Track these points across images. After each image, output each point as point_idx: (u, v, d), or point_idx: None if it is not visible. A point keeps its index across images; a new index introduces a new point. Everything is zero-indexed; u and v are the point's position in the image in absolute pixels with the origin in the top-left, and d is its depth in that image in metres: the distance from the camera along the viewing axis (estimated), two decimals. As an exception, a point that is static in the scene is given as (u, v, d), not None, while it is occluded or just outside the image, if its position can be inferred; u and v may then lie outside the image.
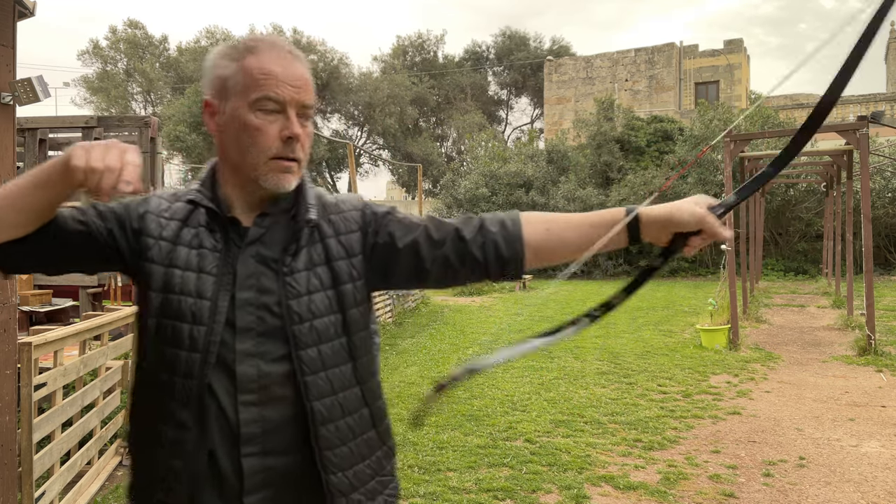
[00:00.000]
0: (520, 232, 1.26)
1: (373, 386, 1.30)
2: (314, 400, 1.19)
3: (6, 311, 2.67)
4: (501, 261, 1.26)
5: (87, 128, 6.07)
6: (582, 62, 33.94)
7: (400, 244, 1.27)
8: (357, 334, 1.26)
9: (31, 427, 3.01)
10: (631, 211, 1.21)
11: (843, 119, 24.77)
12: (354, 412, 1.24)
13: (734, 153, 9.29)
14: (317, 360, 1.20)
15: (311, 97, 1.23)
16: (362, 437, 1.26)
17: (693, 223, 1.18)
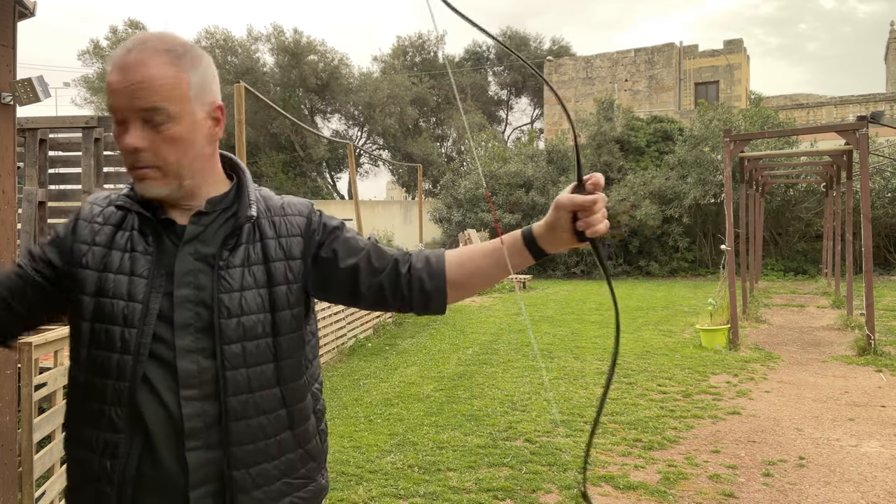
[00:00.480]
0: (443, 267, 1.29)
1: (296, 388, 1.29)
2: (230, 395, 1.20)
3: (6, 311, 2.66)
4: (425, 295, 1.29)
5: (87, 128, 6.06)
6: (582, 62, 33.95)
7: (341, 264, 1.29)
8: (285, 336, 1.27)
9: (32, 427, 3.01)
10: (527, 231, 1.26)
11: (843, 119, 24.78)
12: (270, 412, 1.25)
13: (734, 153, 9.29)
14: (239, 355, 1.21)
15: (155, 99, 1.15)
16: (275, 437, 1.26)
17: (563, 212, 1.19)
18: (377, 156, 39.01)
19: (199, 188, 1.26)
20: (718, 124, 19.46)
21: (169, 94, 1.16)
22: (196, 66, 1.21)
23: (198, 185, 1.25)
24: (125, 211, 1.25)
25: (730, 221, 9.02)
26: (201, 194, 1.26)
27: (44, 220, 6.22)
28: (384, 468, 4.32)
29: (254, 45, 35.15)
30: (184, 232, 1.23)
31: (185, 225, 1.24)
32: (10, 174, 2.65)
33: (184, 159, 1.20)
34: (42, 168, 6.18)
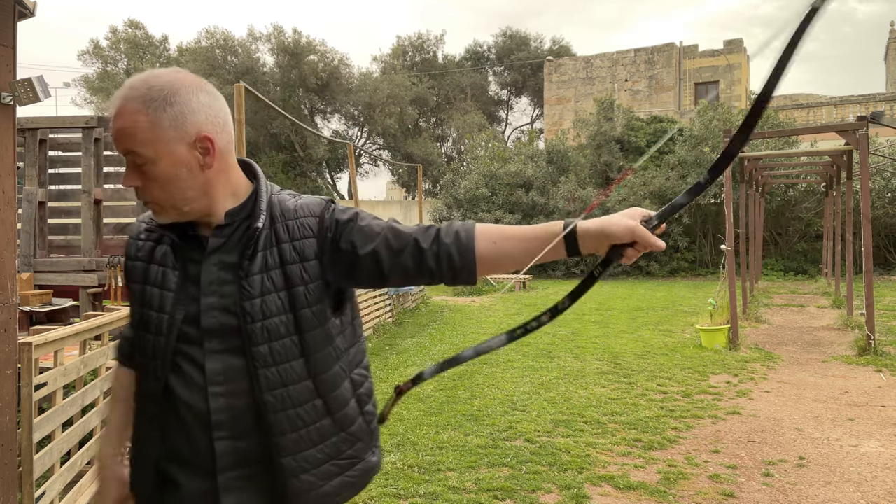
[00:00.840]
0: (472, 244, 1.34)
1: (328, 378, 1.38)
2: (265, 392, 1.31)
3: (6, 311, 2.67)
4: (454, 270, 1.35)
5: (87, 128, 6.06)
6: (582, 62, 33.95)
7: (361, 252, 1.35)
8: (309, 332, 1.35)
9: (32, 427, 3.01)
10: (568, 225, 1.31)
11: (843, 119, 24.78)
12: (306, 403, 1.35)
13: (734, 153, 9.27)
14: (267, 356, 1.31)
15: (129, 144, 1.26)
16: (314, 425, 1.36)
17: (625, 236, 1.27)
18: (377, 156, 39.01)
19: (211, 206, 1.34)
20: (718, 124, 19.46)
21: (142, 139, 1.25)
22: (169, 104, 1.26)
23: (205, 205, 1.34)
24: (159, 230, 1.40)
25: (730, 221, 9.02)
26: (217, 210, 1.35)
27: (44, 220, 6.23)
28: (384, 468, 4.32)
29: (254, 45, 35.17)
30: (208, 244, 1.35)
31: (209, 237, 1.36)
32: (10, 174, 2.65)
33: (171, 193, 1.29)
34: (42, 168, 6.18)
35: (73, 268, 6.03)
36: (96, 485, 1.49)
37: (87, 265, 6.00)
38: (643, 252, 1.28)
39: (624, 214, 1.29)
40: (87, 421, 3.90)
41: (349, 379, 1.43)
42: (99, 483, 1.52)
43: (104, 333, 4.23)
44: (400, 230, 1.37)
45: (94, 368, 4.05)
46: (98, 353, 4.05)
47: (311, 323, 1.35)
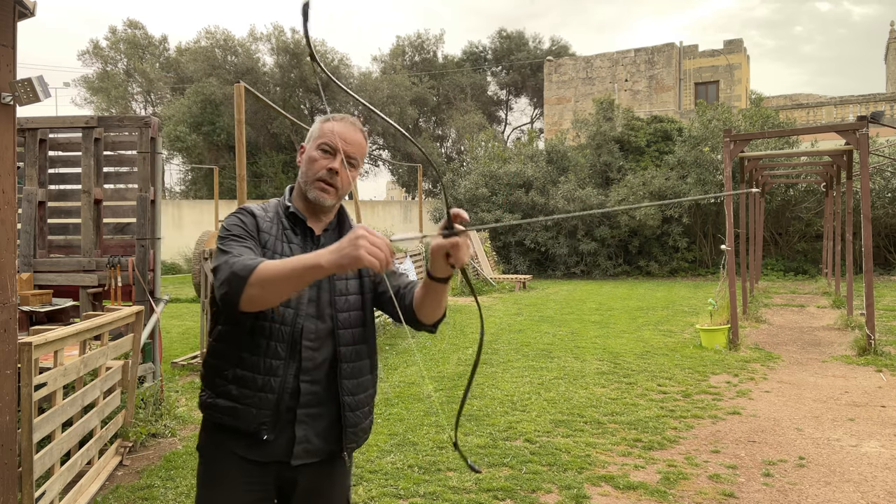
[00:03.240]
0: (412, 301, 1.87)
1: (373, 344, 1.93)
2: (342, 345, 1.82)
3: (6, 311, 2.67)
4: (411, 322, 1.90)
5: (87, 128, 6.05)
6: (582, 62, 33.94)
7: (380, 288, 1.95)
8: (367, 309, 1.89)
9: (32, 427, 3.01)
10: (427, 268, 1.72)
11: (843, 119, 24.77)
12: (362, 359, 1.87)
13: (734, 153, 9.29)
14: (347, 319, 1.83)
15: (358, 153, 1.86)
16: (364, 377, 1.87)
17: (438, 253, 1.60)
18: (377, 156, 39.02)
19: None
20: (718, 124, 19.46)
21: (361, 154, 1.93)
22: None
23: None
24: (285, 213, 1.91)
25: (730, 221, 9.02)
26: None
27: (44, 220, 6.23)
28: (384, 468, 4.32)
29: (254, 45, 35.15)
30: (319, 240, 1.85)
31: (319, 235, 1.87)
32: (10, 174, 2.65)
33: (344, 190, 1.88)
34: (42, 168, 6.18)
35: (73, 268, 6.03)
36: None
37: (87, 265, 6.00)
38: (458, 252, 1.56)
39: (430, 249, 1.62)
40: (87, 421, 3.90)
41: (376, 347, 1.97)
42: None
43: (104, 333, 4.23)
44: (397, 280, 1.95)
45: (94, 369, 4.05)
46: (98, 353, 4.05)
47: (369, 303, 1.89)
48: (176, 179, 36.57)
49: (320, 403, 1.80)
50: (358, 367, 1.85)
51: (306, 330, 1.77)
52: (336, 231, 1.90)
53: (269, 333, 1.75)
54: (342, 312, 1.82)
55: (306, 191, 1.84)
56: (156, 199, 6.00)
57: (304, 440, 1.78)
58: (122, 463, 4.51)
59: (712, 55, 32.00)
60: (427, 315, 1.80)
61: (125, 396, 4.74)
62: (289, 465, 1.79)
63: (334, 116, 1.87)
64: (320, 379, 1.79)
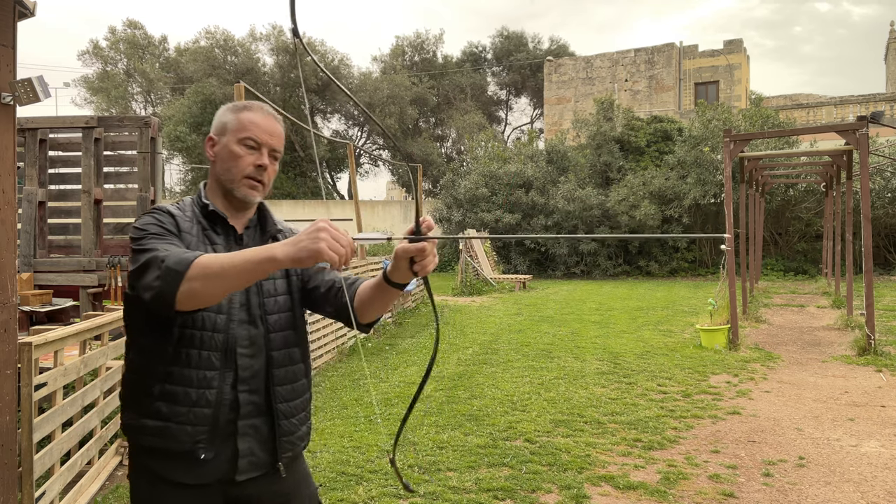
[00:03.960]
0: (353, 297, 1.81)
1: (305, 347, 1.83)
2: (274, 350, 1.71)
3: (6, 311, 2.67)
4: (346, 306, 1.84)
5: (87, 128, 6.05)
6: (582, 62, 33.94)
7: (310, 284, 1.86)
8: (299, 314, 1.81)
9: (32, 427, 3.01)
10: (383, 269, 1.67)
11: (843, 119, 24.78)
12: (295, 363, 1.77)
13: (734, 153, 9.29)
14: (277, 322, 1.73)
15: (281, 145, 1.76)
16: (298, 381, 1.78)
17: (402, 257, 1.55)
18: (377, 156, 39.01)
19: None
20: (718, 124, 19.46)
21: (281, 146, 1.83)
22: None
23: None
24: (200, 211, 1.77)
25: (730, 221, 9.02)
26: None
27: (44, 220, 6.23)
28: (384, 468, 4.32)
29: (254, 45, 35.15)
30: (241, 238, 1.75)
31: (241, 233, 1.76)
32: (10, 174, 2.65)
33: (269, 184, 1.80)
34: (42, 168, 6.18)
35: (73, 268, 6.03)
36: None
37: (87, 265, 6.00)
38: (425, 259, 1.53)
39: (394, 252, 1.56)
40: (87, 421, 3.90)
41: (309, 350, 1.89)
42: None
43: (104, 333, 4.23)
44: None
45: (94, 369, 4.05)
46: (98, 353, 4.05)
47: (298, 303, 1.80)
48: (176, 179, 36.59)
49: (261, 413, 1.69)
50: (291, 371, 1.75)
51: (240, 336, 1.65)
52: (257, 228, 1.80)
53: (199, 343, 1.61)
54: (272, 315, 1.72)
55: (231, 189, 1.71)
56: (156, 199, 6.00)
57: (248, 453, 1.66)
58: (122, 463, 4.51)
59: (712, 55, 32.00)
60: (367, 315, 1.74)
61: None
62: (234, 483, 1.66)
63: (249, 105, 1.75)
64: (259, 388, 1.68)
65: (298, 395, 1.77)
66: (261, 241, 1.76)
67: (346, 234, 1.41)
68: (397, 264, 1.56)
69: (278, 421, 1.70)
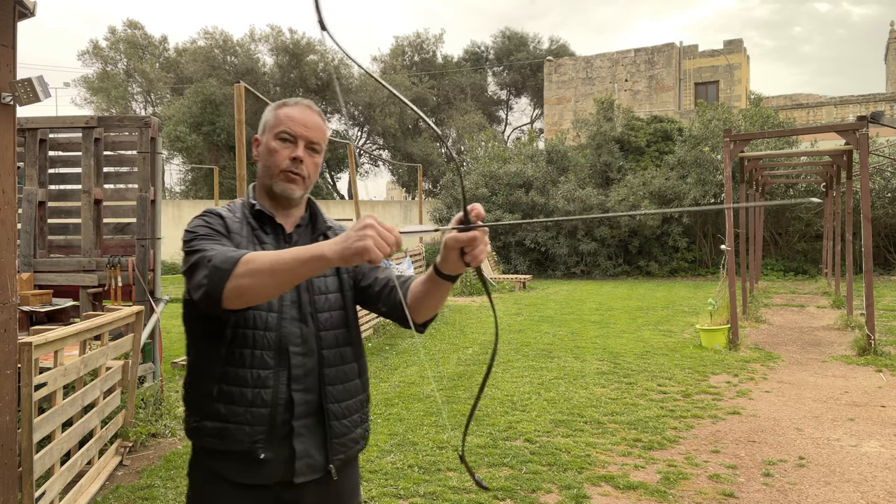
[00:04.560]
0: (405, 294, 1.75)
1: (360, 345, 1.80)
2: (325, 349, 1.69)
3: (6, 311, 2.67)
4: (399, 305, 1.77)
5: (87, 128, 6.06)
6: (582, 62, 33.94)
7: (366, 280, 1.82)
8: (350, 308, 1.77)
9: (32, 427, 3.01)
10: (434, 262, 1.60)
11: (843, 119, 24.78)
12: (347, 362, 1.74)
13: (734, 153, 9.28)
14: (328, 320, 1.71)
15: (320, 137, 1.73)
16: (351, 381, 1.74)
17: (453, 247, 1.49)
18: (377, 156, 39.01)
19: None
20: (718, 124, 19.45)
21: (323, 139, 1.78)
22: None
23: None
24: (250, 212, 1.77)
25: (730, 221, 9.02)
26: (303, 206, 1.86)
27: (44, 220, 6.23)
28: (384, 468, 4.32)
29: (253, 46, 35.15)
30: (290, 237, 1.74)
31: (290, 232, 1.74)
32: (10, 174, 2.65)
33: (312, 179, 1.77)
34: (42, 168, 6.18)
35: (73, 268, 6.03)
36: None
37: (87, 265, 6.00)
38: (476, 249, 1.47)
39: (443, 242, 1.50)
40: (87, 421, 3.90)
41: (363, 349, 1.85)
42: None
43: (104, 333, 4.23)
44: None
45: (94, 369, 4.05)
46: (98, 353, 4.05)
47: (352, 301, 1.78)
48: (176, 179, 36.57)
49: (314, 413, 1.67)
50: (343, 371, 1.72)
51: (292, 335, 1.64)
52: (309, 227, 1.78)
53: (252, 342, 1.61)
54: (322, 313, 1.69)
55: (271, 185, 1.71)
56: (156, 198, 6.00)
57: (304, 454, 1.65)
58: (122, 463, 4.51)
59: (712, 55, 32.00)
60: (422, 313, 1.69)
61: (125, 396, 4.74)
62: (291, 485, 1.65)
63: (287, 102, 1.75)
64: (313, 386, 1.66)
65: (351, 396, 1.73)
66: (310, 239, 1.74)
67: (393, 228, 1.37)
68: (447, 255, 1.52)
69: (329, 422, 1.67)
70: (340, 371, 1.71)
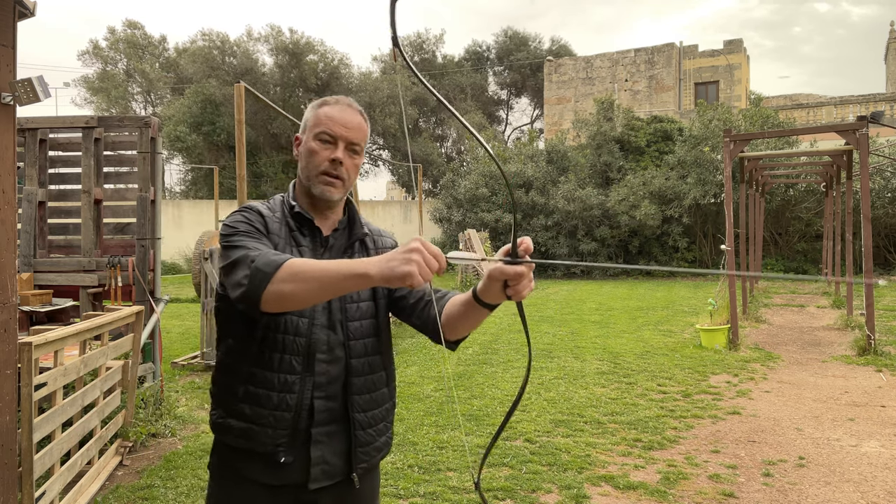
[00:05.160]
0: (443, 307, 1.75)
1: (389, 355, 1.78)
2: (353, 358, 1.66)
3: (6, 311, 2.67)
4: (433, 322, 1.74)
5: (87, 128, 6.05)
6: (582, 62, 33.94)
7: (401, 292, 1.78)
8: (382, 317, 1.74)
9: (32, 427, 3.01)
10: (474, 288, 1.62)
11: (843, 119, 24.77)
12: (376, 371, 1.71)
13: (734, 153, 9.28)
14: (358, 329, 1.67)
15: (360, 138, 1.70)
16: (378, 391, 1.71)
17: (497, 279, 1.51)
18: (377, 156, 39.01)
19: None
20: (718, 124, 19.46)
21: (364, 139, 1.76)
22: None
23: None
24: (289, 212, 1.73)
25: (730, 221, 9.02)
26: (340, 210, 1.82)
27: (44, 220, 6.23)
28: (384, 468, 4.32)
29: (253, 46, 35.14)
30: (327, 241, 1.71)
31: (327, 236, 1.72)
32: (10, 174, 2.65)
33: (351, 181, 1.74)
34: (42, 168, 6.18)
35: (73, 268, 6.03)
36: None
37: (87, 265, 6.00)
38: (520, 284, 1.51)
39: (487, 273, 1.50)
40: (87, 421, 3.90)
41: (393, 358, 1.83)
42: None
43: (104, 333, 4.23)
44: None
45: (94, 368, 4.05)
46: (98, 353, 4.05)
47: (384, 310, 1.74)
48: (176, 179, 36.58)
49: (336, 420, 1.65)
50: (371, 380, 1.69)
51: (319, 342, 1.62)
52: (347, 231, 1.75)
53: (282, 346, 1.60)
54: (353, 321, 1.67)
55: (309, 186, 1.68)
56: (156, 199, 6.00)
57: (320, 461, 1.63)
58: (122, 463, 4.51)
59: (712, 55, 32.00)
60: (455, 332, 1.69)
61: (125, 396, 4.74)
62: (306, 489, 1.64)
63: (327, 100, 1.72)
64: (336, 394, 1.64)
65: (378, 405, 1.71)
66: (346, 243, 1.73)
67: (439, 254, 1.36)
68: (490, 285, 1.52)
69: (354, 431, 1.65)
70: (368, 380, 1.69)
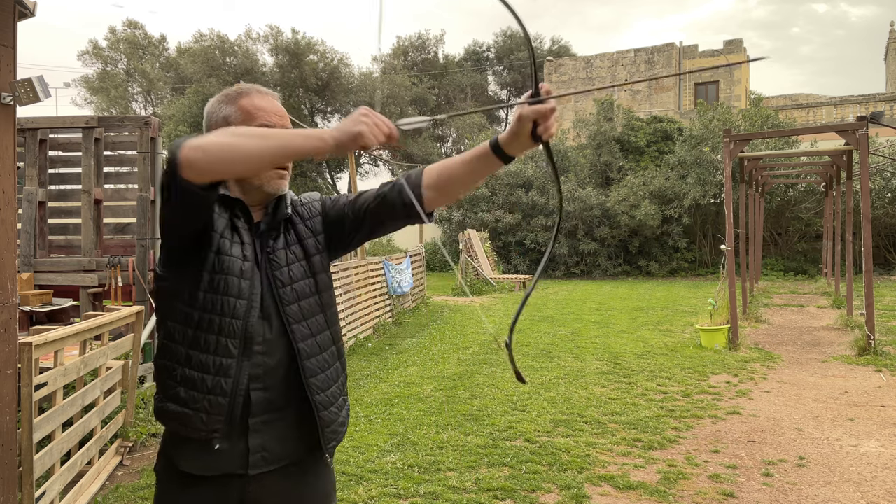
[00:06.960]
0: (420, 177, 1.61)
1: (337, 328, 1.75)
2: (299, 342, 1.62)
3: (6, 311, 2.67)
4: (403, 200, 1.60)
5: (87, 128, 6.06)
6: (582, 62, 33.95)
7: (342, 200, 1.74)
8: (325, 292, 1.71)
9: (32, 427, 3.01)
10: (493, 140, 1.51)
11: (843, 119, 24.78)
12: (327, 349, 1.68)
13: (734, 153, 9.29)
14: (298, 312, 1.63)
15: (289, 125, 1.67)
16: (332, 367, 1.69)
17: (529, 118, 1.42)
18: (377, 156, 39.00)
19: None
20: (718, 124, 19.46)
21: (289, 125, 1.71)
22: None
23: None
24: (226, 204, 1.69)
25: (730, 221, 9.02)
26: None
27: (44, 220, 6.23)
28: (384, 468, 4.32)
29: (253, 46, 35.15)
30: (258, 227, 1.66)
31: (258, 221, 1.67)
32: (10, 174, 2.65)
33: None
34: (42, 168, 6.18)
35: (73, 268, 6.04)
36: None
37: (87, 265, 6.00)
38: (549, 121, 1.42)
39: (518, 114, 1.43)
40: (87, 421, 3.90)
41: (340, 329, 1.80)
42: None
43: (104, 333, 4.23)
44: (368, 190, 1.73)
45: (95, 368, 4.05)
46: (98, 353, 4.05)
47: (325, 284, 1.71)
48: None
49: (276, 409, 1.61)
50: (323, 358, 1.66)
51: (255, 332, 1.58)
52: (273, 215, 1.68)
53: (218, 328, 1.56)
54: (290, 305, 1.62)
55: (260, 185, 1.62)
56: (156, 198, 6.00)
57: (259, 449, 1.60)
58: (123, 463, 4.51)
59: (712, 55, 32.00)
60: (446, 194, 1.60)
61: (125, 396, 4.74)
62: (248, 477, 1.60)
63: (244, 91, 1.65)
64: (274, 384, 1.60)
65: (333, 381, 1.68)
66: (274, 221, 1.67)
67: (388, 121, 1.42)
68: (521, 129, 1.43)
69: (318, 413, 1.62)
70: (320, 360, 1.65)
